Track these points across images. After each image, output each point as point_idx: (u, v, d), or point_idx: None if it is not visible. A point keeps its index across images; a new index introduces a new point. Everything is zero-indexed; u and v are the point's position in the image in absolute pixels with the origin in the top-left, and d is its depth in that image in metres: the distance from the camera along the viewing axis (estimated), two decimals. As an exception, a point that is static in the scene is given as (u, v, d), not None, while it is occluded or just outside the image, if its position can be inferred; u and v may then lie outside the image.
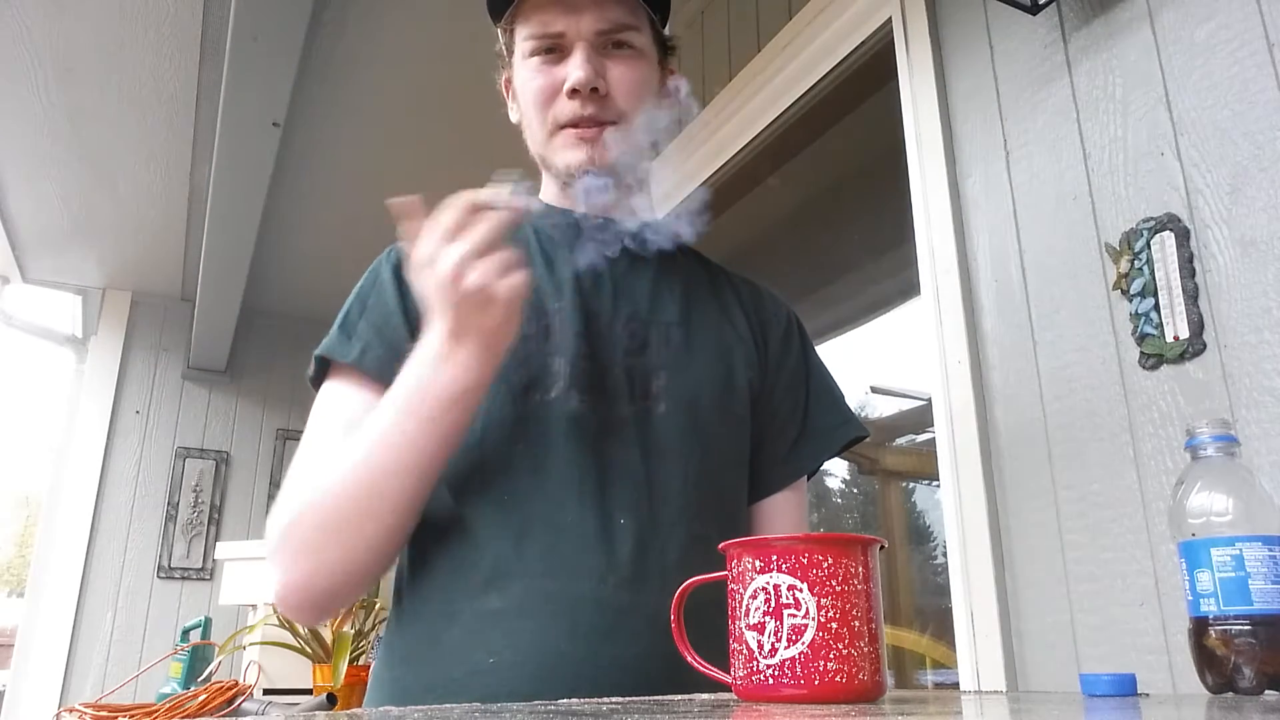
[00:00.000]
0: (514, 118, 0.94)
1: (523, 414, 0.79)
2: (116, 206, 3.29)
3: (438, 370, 0.72)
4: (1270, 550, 0.62)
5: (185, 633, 2.48)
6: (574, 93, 0.83)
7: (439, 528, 0.80)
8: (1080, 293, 1.23)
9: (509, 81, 0.94)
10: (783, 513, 0.92)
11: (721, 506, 0.86)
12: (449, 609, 0.78)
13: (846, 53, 1.82)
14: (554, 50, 0.86)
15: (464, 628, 0.76)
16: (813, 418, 0.94)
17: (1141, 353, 1.13)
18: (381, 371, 0.79)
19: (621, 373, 0.83)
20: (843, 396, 0.98)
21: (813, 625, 0.53)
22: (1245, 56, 1.08)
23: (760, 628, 0.54)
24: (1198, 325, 1.08)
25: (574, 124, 0.85)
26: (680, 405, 0.84)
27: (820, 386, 0.96)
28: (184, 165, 3.02)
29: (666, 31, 0.95)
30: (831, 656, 0.53)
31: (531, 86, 0.86)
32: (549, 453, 0.79)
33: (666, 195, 2.42)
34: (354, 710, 0.48)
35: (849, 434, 0.95)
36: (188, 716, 1.79)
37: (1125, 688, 0.62)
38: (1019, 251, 1.33)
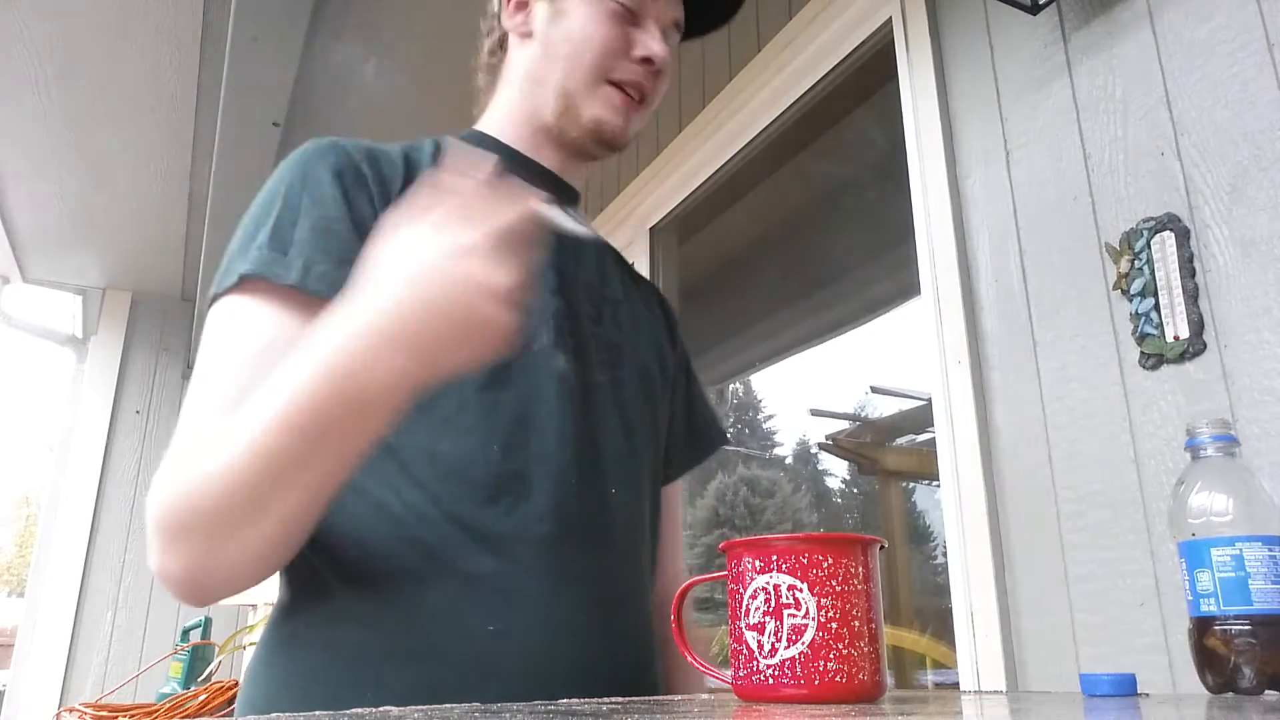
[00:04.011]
0: (515, 26, 0.87)
1: (515, 362, 0.74)
2: (116, 206, 3.29)
3: (394, 354, 0.56)
4: (1270, 550, 0.62)
5: (185, 633, 2.48)
6: (647, 62, 0.83)
7: (404, 471, 0.71)
8: (1080, 293, 1.23)
9: None
10: (677, 499, 0.99)
11: (657, 485, 0.90)
12: (429, 566, 0.69)
13: (846, 53, 1.82)
14: (628, 11, 0.84)
15: (452, 588, 0.69)
16: (702, 419, 1.02)
17: (1141, 353, 1.13)
18: (329, 291, 0.64)
19: (590, 338, 0.82)
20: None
21: (813, 625, 0.53)
22: (1245, 56, 1.08)
23: (760, 628, 0.54)
24: (1198, 325, 1.08)
25: (627, 89, 0.84)
26: (637, 380, 0.87)
27: (701, 391, 1.04)
28: (184, 165, 3.02)
29: None
30: (831, 656, 0.53)
31: (600, 32, 0.83)
32: (539, 407, 0.75)
33: (666, 195, 2.42)
34: (355, 710, 0.48)
35: (724, 439, 1.04)
36: (188, 716, 1.79)
37: (1125, 688, 0.62)
38: (1019, 251, 1.33)
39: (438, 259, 0.56)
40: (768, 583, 0.55)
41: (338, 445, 0.59)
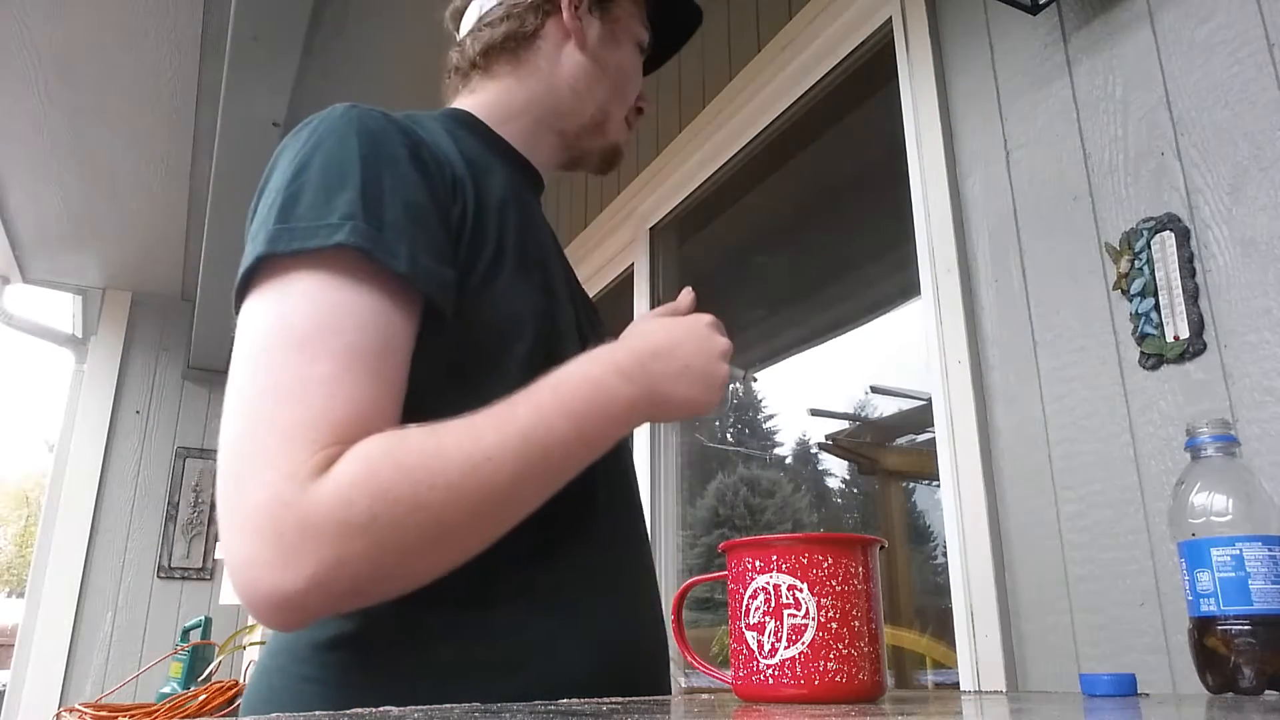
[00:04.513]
0: (569, 20, 0.86)
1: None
2: (116, 206, 3.29)
3: (627, 386, 0.65)
4: (1270, 550, 0.62)
5: (185, 633, 2.48)
6: (640, 111, 0.95)
7: None
8: (1080, 293, 1.23)
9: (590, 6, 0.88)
10: None
11: None
12: (509, 586, 0.67)
13: (846, 53, 1.82)
14: (643, 55, 0.95)
15: (514, 606, 0.67)
16: None
17: (1141, 353, 1.13)
18: (434, 290, 0.61)
19: (587, 330, 0.83)
20: None
21: (813, 625, 0.53)
22: (1245, 56, 1.08)
23: (760, 628, 0.54)
24: (1198, 325, 1.08)
25: (630, 124, 0.95)
26: None
27: None
28: (184, 165, 3.02)
29: None
30: (831, 656, 0.53)
31: (628, 73, 0.92)
32: None
33: (666, 195, 2.42)
34: (355, 710, 0.48)
35: None
36: (188, 716, 1.79)
37: (1125, 688, 0.63)
38: (1019, 251, 1.33)
39: (693, 329, 0.72)
40: (768, 583, 0.55)
41: (578, 455, 0.63)
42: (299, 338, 0.57)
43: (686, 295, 0.81)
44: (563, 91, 0.86)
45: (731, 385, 0.84)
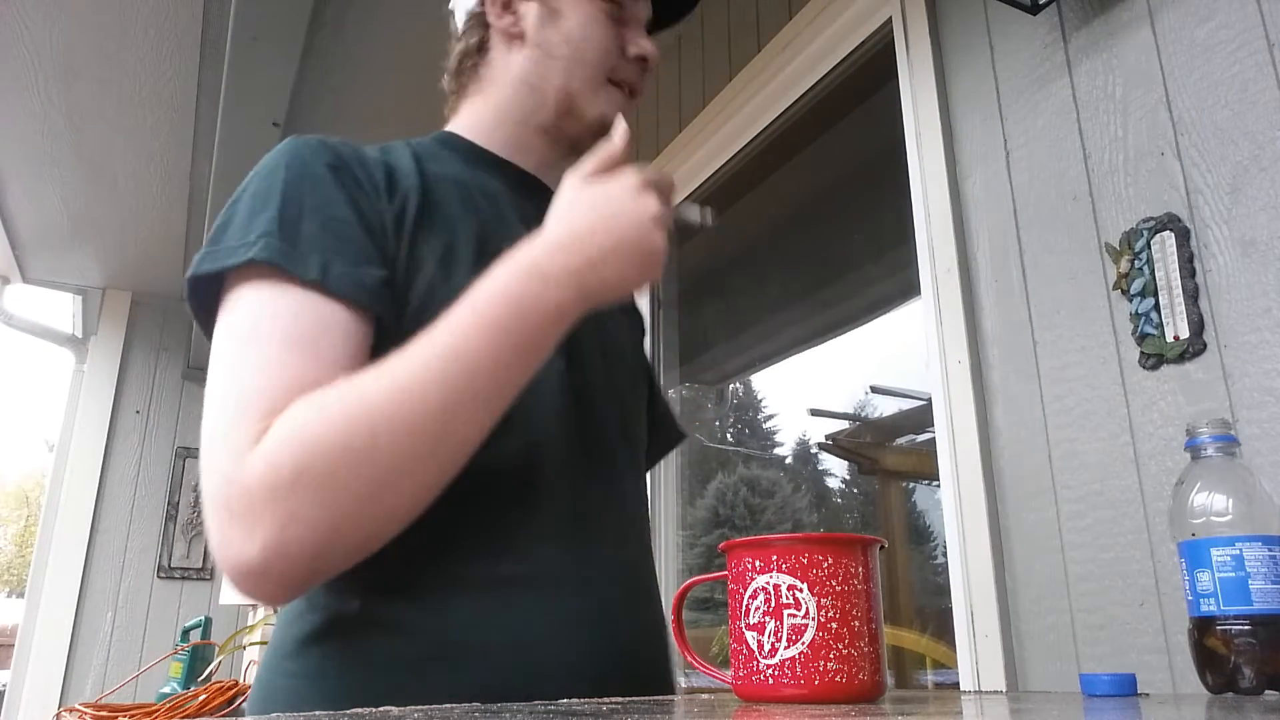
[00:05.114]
0: (505, 26, 0.86)
1: None
2: (116, 206, 3.29)
3: (557, 287, 0.63)
4: (1270, 550, 0.62)
5: (185, 633, 2.48)
6: (641, 60, 0.86)
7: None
8: (1080, 293, 1.23)
9: None
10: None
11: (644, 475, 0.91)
12: (455, 573, 0.68)
13: (846, 53, 1.82)
14: (619, 10, 0.86)
15: (479, 594, 0.68)
16: (665, 413, 1.01)
17: (1141, 353, 1.13)
18: (351, 292, 0.65)
19: (586, 340, 0.82)
20: None
21: (813, 625, 0.53)
22: (1245, 56, 1.08)
23: (760, 628, 0.54)
24: (1198, 325, 1.08)
25: (627, 86, 0.87)
26: (627, 374, 0.87)
27: (659, 389, 1.03)
28: (184, 165, 3.02)
29: None
30: (831, 656, 0.53)
31: (600, 30, 0.85)
32: (547, 411, 0.75)
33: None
34: (355, 710, 0.48)
35: (681, 436, 1.04)
36: (188, 716, 1.79)
37: (1125, 688, 0.63)
38: (1019, 251, 1.33)
39: (618, 197, 0.66)
40: (768, 583, 0.55)
41: (510, 367, 0.62)
42: (237, 335, 0.64)
43: (619, 132, 0.72)
44: (521, 91, 0.86)
45: (695, 224, 0.79)
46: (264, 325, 0.63)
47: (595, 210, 0.66)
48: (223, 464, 0.58)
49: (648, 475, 0.96)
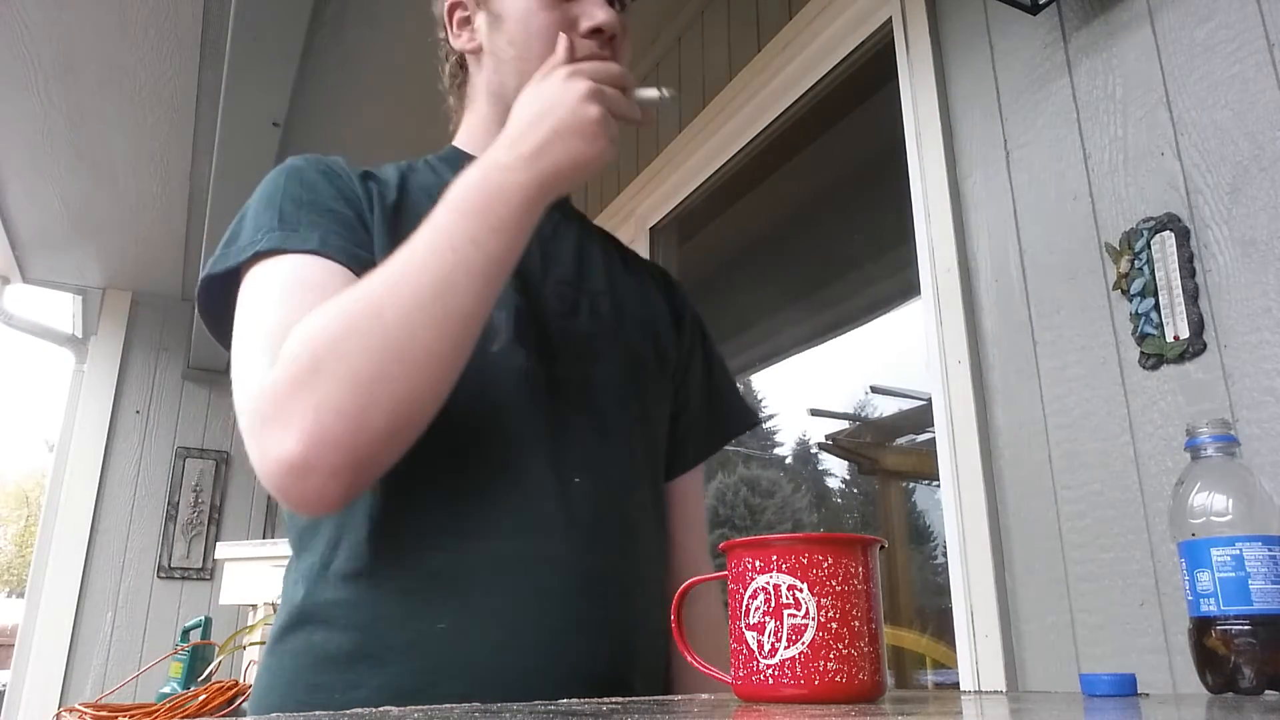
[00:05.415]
0: (463, 44, 0.88)
1: (475, 364, 0.72)
2: (116, 206, 3.29)
3: (513, 172, 0.69)
4: (1270, 550, 0.62)
5: (185, 633, 2.48)
6: (596, 33, 0.82)
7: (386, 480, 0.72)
8: (1080, 293, 1.23)
9: (459, 5, 0.88)
10: (694, 489, 0.97)
11: (656, 475, 0.89)
12: (401, 568, 0.71)
13: (846, 53, 1.82)
14: None
15: (420, 587, 0.70)
16: (721, 400, 1.00)
17: (1141, 353, 1.13)
18: (348, 260, 0.72)
19: (558, 334, 0.82)
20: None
21: (813, 625, 0.53)
22: (1245, 56, 1.08)
23: (760, 628, 0.54)
24: (1198, 325, 1.08)
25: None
26: (617, 371, 0.85)
27: (723, 371, 1.02)
28: (184, 165, 3.02)
29: None
30: (831, 656, 0.53)
31: (540, 18, 0.82)
32: (501, 405, 0.76)
33: (666, 195, 2.42)
34: (355, 710, 0.48)
35: (751, 419, 1.03)
36: (188, 716, 1.79)
37: (1125, 688, 0.62)
38: (1019, 251, 1.33)
39: (548, 88, 0.72)
40: (768, 583, 0.55)
41: (488, 244, 0.66)
42: (253, 303, 0.71)
43: (561, 46, 0.78)
44: (490, 101, 0.88)
45: (656, 107, 0.78)
46: (274, 283, 0.71)
47: (534, 105, 0.72)
48: (250, 385, 0.65)
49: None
